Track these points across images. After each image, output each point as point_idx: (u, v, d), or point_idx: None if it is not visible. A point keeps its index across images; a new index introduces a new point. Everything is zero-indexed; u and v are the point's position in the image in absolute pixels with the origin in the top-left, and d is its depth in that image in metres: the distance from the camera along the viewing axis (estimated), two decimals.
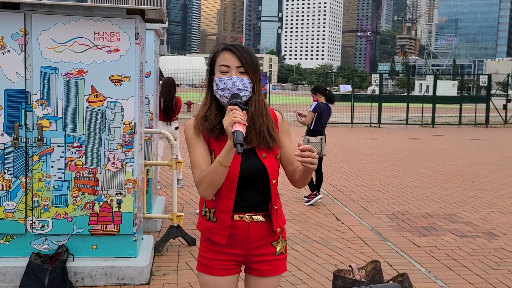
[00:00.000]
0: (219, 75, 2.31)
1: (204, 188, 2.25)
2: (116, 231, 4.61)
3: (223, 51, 2.35)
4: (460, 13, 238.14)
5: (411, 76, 47.71)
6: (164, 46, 8.39)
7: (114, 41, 4.46)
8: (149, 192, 6.30)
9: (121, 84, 4.50)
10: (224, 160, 2.16)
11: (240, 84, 2.27)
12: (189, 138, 2.38)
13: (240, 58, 2.30)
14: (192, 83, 79.39)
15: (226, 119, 2.11)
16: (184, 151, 12.09)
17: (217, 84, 2.30)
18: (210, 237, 2.38)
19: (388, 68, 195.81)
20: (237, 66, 2.30)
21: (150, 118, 6.46)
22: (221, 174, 2.20)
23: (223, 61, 2.31)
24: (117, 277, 4.57)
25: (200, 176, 2.26)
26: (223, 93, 2.29)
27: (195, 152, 2.34)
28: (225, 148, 2.16)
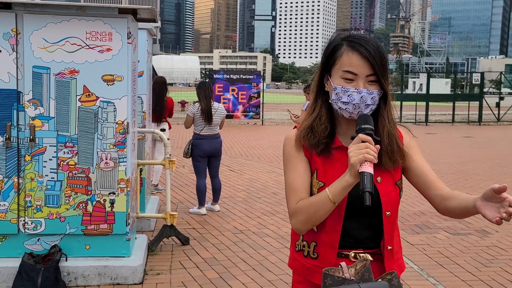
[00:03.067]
0: (341, 82, 1.84)
1: (299, 221, 1.84)
2: (109, 230, 4.61)
3: (350, 51, 1.84)
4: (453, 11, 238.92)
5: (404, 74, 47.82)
6: (157, 45, 8.32)
7: (106, 40, 4.45)
8: (142, 191, 6.29)
9: (113, 83, 4.50)
10: (336, 197, 1.75)
11: (368, 99, 1.82)
12: (288, 154, 1.95)
13: (373, 64, 1.81)
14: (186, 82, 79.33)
15: (356, 153, 1.69)
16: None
17: (337, 94, 1.84)
18: (309, 278, 1.93)
19: None
20: (367, 74, 1.82)
21: (143, 117, 6.45)
22: (326, 211, 1.79)
23: (348, 66, 1.83)
24: (110, 276, 4.57)
25: (298, 206, 1.84)
26: (345, 107, 1.84)
27: (294, 173, 1.91)
28: (341, 182, 1.75)
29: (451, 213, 1.82)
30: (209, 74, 24.92)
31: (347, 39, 1.86)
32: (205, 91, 7.16)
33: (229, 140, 16.32)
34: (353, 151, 1.69)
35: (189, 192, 8.53)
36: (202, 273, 4.98)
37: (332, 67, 1.87)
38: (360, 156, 1.67)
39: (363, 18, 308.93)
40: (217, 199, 7.47)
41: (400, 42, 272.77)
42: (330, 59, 1.88)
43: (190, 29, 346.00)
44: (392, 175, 1.90)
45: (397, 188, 1.92)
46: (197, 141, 7.16)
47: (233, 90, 22.90)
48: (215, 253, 5.58)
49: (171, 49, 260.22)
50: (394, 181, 1.91)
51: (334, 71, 1.86)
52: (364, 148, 1.68)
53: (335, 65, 1.86)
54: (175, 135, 17.60)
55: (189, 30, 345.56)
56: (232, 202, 7.92)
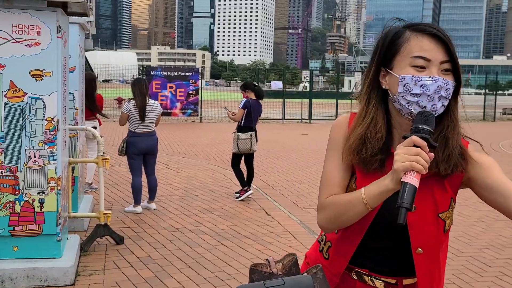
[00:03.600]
0: (411, 71, 1.52)
1: (325, 218, 1.63)
2: (38, 231, 4.45)
3: (419, 34, 1.54)
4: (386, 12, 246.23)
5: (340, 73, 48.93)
6: (90, 41, 8.07)
7: (34, 34, 4.28)
8: (75, 190, 6.11)
9: (42, 79, 4.33)
10: (371, 200, 1.49)
11: (443, 91, 1.50)
12: (333, 140, 1.68)
13: (450, 47, 1.52)
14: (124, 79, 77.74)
15: (403, 157, 1.39)
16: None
17: (406, 85, 1.51)
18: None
19: (319, 65, 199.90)
20: (441, 61, 1.51)
21: (75, 114, 6.26)
22: (357, 214, 1.54)
23: (419, 51, 1.51)
24: (40, 279, 4.41)
25: (328, 201, 1.62)
26: (416, 100, 1.50)
27: (333, 163, 1.66)
28: (379, 185, 1.48)
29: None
30: (146, 71, 24.54)
31: (409, 26, 1.57)
32: (140, 88, 7.03)
33: (167, 138, 16.13)
34: (400, 155, 1.39)
35: (124, 190, 8.36)
36: (137, 272, 4.89)
37: (393, 57, 1.56)
38: (406, 163, 1.38)
39: (301, 17, 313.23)
40: (153, 197, 7.36)
41: (337, 41, 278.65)
42: (391, 48, 1.56)
43: (127, 24, 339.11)
44: (436, 204, 1.57)
45: (440, 222, 1.57)
46: (132, 138, 7.02)
47: (171, 87, 22.65)
48: (150, 252, 5.49)
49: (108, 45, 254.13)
50: (436, 212, 1.57)
51: (398, 60, 1.55)
52: (415, 154, 1.38)
53: (399, 53, 1.55)
54: (111, 132, 17.21)
55: (126, 26, 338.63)
56: (168, 200, 7.83)
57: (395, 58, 1.56)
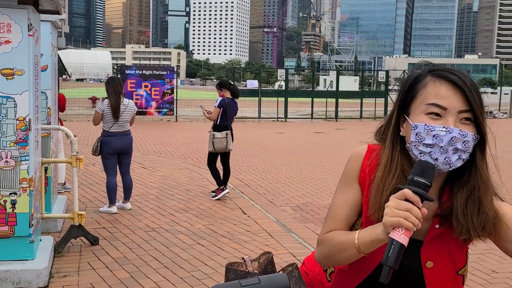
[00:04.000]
0: (425, 119, 1.42)
1: (321, 254, 1.59)
2: (10, 233, 4.36)
3: (438, 79, 1.44)
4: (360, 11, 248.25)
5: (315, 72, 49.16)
6: (62, 39, 7.96)
7: (5, 32, 4.20)
8: (48, 191, 6.02)
9: (13, 78, 4.25)
10: (362, 246, 1.43)
11: (460, 143, 1.38)
12: (347, 173, 1.61)
13: (469, 97, 1.40)
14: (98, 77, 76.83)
15: (392, 212, 1.32)
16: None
17: (418, 134, 1.41)
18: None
19: (295, 63, 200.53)
20: (460, 110, 1.40)
21: (47, 113, 6.16)
22: (349, 256, 1.48)
23: (435, 98, 1.41)
24: (12, 281, 4.33)
25: (326, 237, 1.57)
26: (429, 151, 1.40)
27: (342, 195, 1.60)
28: (371, 235, 1.41)
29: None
30: (121, 70, 24.28)
31: (432, 70, 1.46)
32: (114, 87, 6.95)
33: (142, 137, 16.00)
34: (390, 208, 1.32)
35: (99, 190, 8.26)
36: (112, 273, 4.84)
37: (411, 103, 1.46)
38: (394, 219, 1.30)
39: (276, 16, 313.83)
40: (129, 197, 7.29)
41: (312, 40, 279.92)
42: (410, 93, 1.47)
43: (101, 23, 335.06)
44: (454, 260, 1.48)
45: (459, 278, 1.51)
46: (106, 138, 6.94)
47: (146, 86, 22.47)
48: (126, 252, 5.44)
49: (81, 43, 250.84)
50: (455, 269, 1.50)
51: (415, 107, 1.45)
52: (405, 210, 1.30)
53: (415, 99, 1.45)
54: (84, 132, 17.00)
55: (100, 24, 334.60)
56: (144, 200, 7.77)
57: (412, 104, 1.46)
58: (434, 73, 1.44)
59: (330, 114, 27.14)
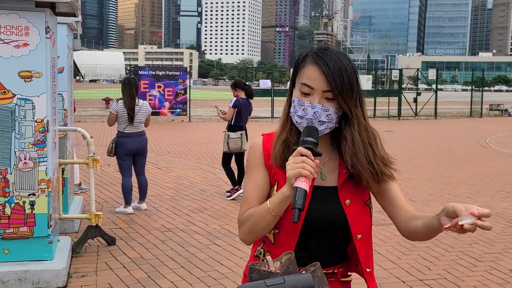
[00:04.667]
0: (299, 95, 1.75)
1: (243, 232, 1.79)
2: (29, 233, 4.42)
3: (311, 63, 1.74)
4: (373, 10, 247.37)
5: None
6: (78, 41, 8.04)
7: (23, 35, 4.25)
8: (65, 192, 6.09)
9: (31, 80, 4.30)
10: (276, 208, 1.67)
11: (323, 116, 1.72)
12: (249, 163, 1.88)
13: (329, 80, 1.70)
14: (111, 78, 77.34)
15: (292, 166, 1.61)
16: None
17: (295, 107, 1.76)
18: None
19: None
20: (324, 90, 1.71)
21: (64, 115, 6.23)
22: (267, 223, 1.71)
23: (307, 79, 1.72)
24: (31, 281, 4.38)
25: (244, 215, 1.79)
26: (300, 121, 1.75)
27: (250, 182, 1.85)
28: (279, 194, 1.67)
29: (415, 234, 1.73)
30: (134, 71, 24.43)
31: (316, 51, 1.76)
32: (129, 88, 7.00)
33: (156, 138, 16.08)
34: (289, 164, 1.61)
35: (114, 191, 8.33)
36: (129, 273, 4.88)
37: (295, 78, 1.80)
38: (295, 170, 1.58)
39: (288, 16, 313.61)
40: (144, 197, 7.34)
41: (324, 39, 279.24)
42: (296, 70, 1.80)
43: (113, 24, 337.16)
44: (361, 195, 1.80)
45: (367, 208, 1.82)
46: (121, 139, 6.99)
47: (159, 87, 22.58)
48: (142, 252, 5.48)
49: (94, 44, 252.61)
50: (363, 201, 1.81)
51: (297, 83, 1.78)
52: (301, 162, 1.59)
53: (297, 76, 1.78)
54: (99, 133, 17.13)
55: (113, 25, 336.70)
56: (159, 200, 7.82)
57: (296, 80, 1.78)
58: (311, 56, 1.73)
59: None
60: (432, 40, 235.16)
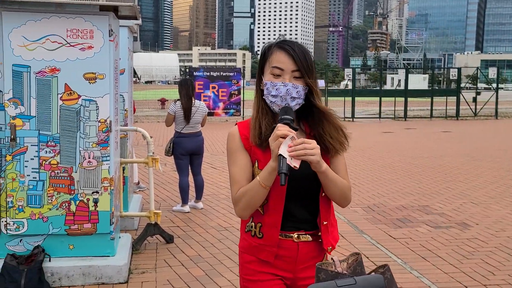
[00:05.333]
0: (271, 78, 2.03)
1: (241, 208, 2.05)
2: (93, 230, 4.57)
3: (277, 49, 2.05)
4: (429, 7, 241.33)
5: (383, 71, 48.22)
6: (137, 43, 8.25)
7: (88, 38, 4.40)
8: (125, 190, 6.25)
9: (95, 81, 4.45)
10: (266, 181, 1.96)
11: (294, 92, 2.01)
12: (231, 149, 2.14)
13: (296, 61, 2.01)
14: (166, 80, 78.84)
15: (273, 139, 1.90)
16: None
17: (268, 89, 2.04)
18: (256, 255, 2.13)
19: (361, 62, 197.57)
20: (292, 70, 2.01)
21: (125, 115, 6.40)
22: (261, 196, 2.00)
23: (276, 63, 2.03)
24: (95, 276, 4.53)
25: (238, 194, 2.05)
26: (274, 100, 2.03)
27: (237, 166, 2.10)
28: (267, 168, 1.96)
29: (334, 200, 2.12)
30: (189, 72, 24.80)
31: (279, 42, 2.07)
32: (186, 89, 7.12)
33: (210, 138, 16.27)
34: (271, 139, 1.91)
35: (172, 190, 8.49)
36: (187, 271, 4.96)
37: (264, 66, 2.08)
38: (277, 142, 1.88)
39: (341, 15, 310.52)
40: (200, 196, 7.45)
41: (378, 38, 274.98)
42: (263, 59, 2.09)
43: (168, 26, 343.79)
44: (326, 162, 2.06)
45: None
46: (178, 139, 7.12)
47: (214, 88, 22.83)
48: (200, 250, 5.56)
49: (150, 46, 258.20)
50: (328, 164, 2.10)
51: (265, 69, 2.07)
52: (281, 135, 1.89)
53: (266, 63, 2.07)
54: (156, 133, 17.49)
55: (168, 27, 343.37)
56: (215, 200, 7.91)
57: (265, 67, 2.08)
58: (277, 45, 2.05)
59: (398, 113, 26.53)
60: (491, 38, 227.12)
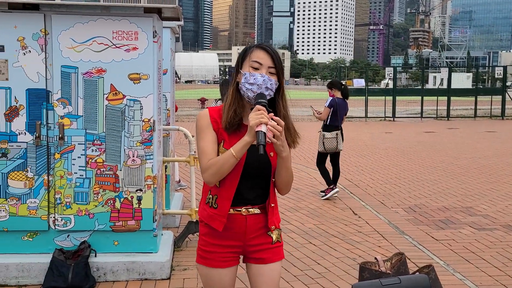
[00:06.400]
0: (251, 70, 2.40)
1: (210, 174, 2.37)
2: (136, 227, 4.67)
3: (257, 48, 2.44)
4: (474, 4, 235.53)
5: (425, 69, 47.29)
6: (179, 44, 8.37)
7: (133, 39, 4.51)
8: (167, 188, 6.35)
9: (139, 82, 4.55)
10: (238, 153, 2.30)
11: (268, 83, 2.38)
12: (200, 127, 2.48)
13: (274, 59, 2.41)
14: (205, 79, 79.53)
15: (254, 118, 2.23)
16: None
17: (246, 77, 2.39)
18: (209, 223, 2.47)
19: (402, 61, 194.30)
20: (269, 66, 2.40)
21: (167, 115, 6.51)
22: (230, 165, 2.34)
23: (256, 58, 2.41)
24: (138, 272, 4.64)
25: (209, 163, 2.38)
26: (250, 87, 2.38)
27: (204, 140, 2.45)
28: (241, 142, 2.30)
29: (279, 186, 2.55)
30: (228, 71, 24.92)
31: (257, 44, 2.48)
32: (228, 89, 7.17)
33: None
34: (252, 116, 2.24)
35: None
36: None
37: (243, 62, 2.45)
38: (256, 120, 2.22)
39: (382, 13, 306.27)
40: None
41: (420, 36, 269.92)
42: (243, 56, 2.45)
43: (208, 26, 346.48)
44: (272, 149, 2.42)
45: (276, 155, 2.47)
46: None
47: None
48: None
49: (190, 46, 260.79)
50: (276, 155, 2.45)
51: (245, 64, 2.43)
52: (260, 114, 2.23)
53: (245, 59, 2.44)
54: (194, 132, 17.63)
55: (208, 28, 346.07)
56: None
57: (244, 62, 2.45)
58: (257, 46, 2.45)
59: (441, 112, 26.01)
60: None
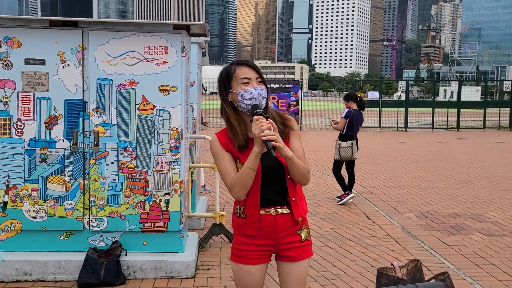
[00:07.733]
0: (242, 87, 2.41)
1: (237, 190, 2.41)
2: (164, 228, 4.67)
3: (240, 66, 2.47)
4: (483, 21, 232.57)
5: (436, 83, 46.79)
6: (206, 58, 8.40)
7: (163, 54, 4.53)
8: (193, 192, 6.36)
9: (168, 93, 4.57)
10: (253, 165, 2.34)
11: (263, 93, 2.42)
12: (216, 152, 2.50)
13: (257, 70, 2.47)
14: None
15: (256, 128, 2.26)
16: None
17: (242, 95, 2.40)
18: (243, 231, 2.52)
19: (414, 75, 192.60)
20: (256, 77, 2.44)
21: (194, 124, 6.52)
22: (251, 177, 2.37)
23: (244, 74, 2.43)
24: (165, 270, 4.63)
25: (232, 181, 2.42)
26: (249, 102, 2.40)
27: (223, 162, 2.48)
28: (252, 153, 2.33)
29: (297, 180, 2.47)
30: None
31: (237, 62, 2.50)
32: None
33: None
34: (254, 128, 2.27)
35: None
36: None
37: (230, 82, 2.45)
38: (258, 129, 2.25)
39: (395, 30, 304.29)
40: None
41: (431, 52, 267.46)
42: (228, 78, 2.46)
43: (232, 41, 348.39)
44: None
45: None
46: None
47: (273, 98, 22.87)
48: None
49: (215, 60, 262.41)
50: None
51: (233, 84, 2.44)
52: (259, 123, 2.26)
53: (232, 79, 2.44)
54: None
55: (232, 43, 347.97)
56: None
57: (231, 83, 2.45)
58: (237, 64, 2.47)
59: (451, 123, 25.66)
60: None
